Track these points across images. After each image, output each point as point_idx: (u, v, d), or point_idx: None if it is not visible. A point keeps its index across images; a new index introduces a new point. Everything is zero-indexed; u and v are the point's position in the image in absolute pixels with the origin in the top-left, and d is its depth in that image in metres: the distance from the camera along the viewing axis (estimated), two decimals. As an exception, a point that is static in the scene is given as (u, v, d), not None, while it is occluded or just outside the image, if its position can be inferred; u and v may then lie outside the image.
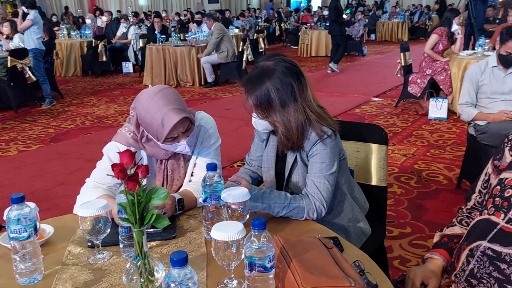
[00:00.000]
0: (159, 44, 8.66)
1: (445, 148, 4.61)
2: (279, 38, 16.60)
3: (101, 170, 1.67)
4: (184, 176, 1.75)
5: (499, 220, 1.27)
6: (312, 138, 1.61)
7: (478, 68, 3.26)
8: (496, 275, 1.22)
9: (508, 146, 1.38)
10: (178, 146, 1.62)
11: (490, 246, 1.25)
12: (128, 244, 1.32)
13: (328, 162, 1.61)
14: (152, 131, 1.59)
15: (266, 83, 1.56)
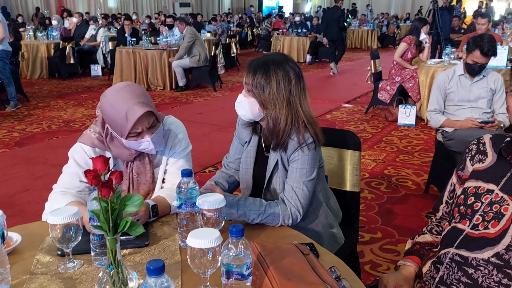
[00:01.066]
0: (130, 47, 8.53)
1: (414, 154, 4.72)
2: (251, 43, 16.65)
3: (68, 175, 1.63)
4: (151, 181, 1.71)
5: (464, 227, 1.31)
6: (294, 143, 1.61)
7: (446, 76, 3.35)
8: (465, 280, 1.25)
9: (469, 157, 1.42)
10: (142, 143, 1.58)
11: (457, 252, 1.29)
12: (100, 252, 1.28)
13: (309, 168, 1.61)
14: (116, 126, 1.55)
15: (271, 69, 1.58)
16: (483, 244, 1.24)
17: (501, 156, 1.33)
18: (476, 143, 1.43)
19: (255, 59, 1.66)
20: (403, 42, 6.02)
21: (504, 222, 1.23)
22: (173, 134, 1.74)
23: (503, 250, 1.21)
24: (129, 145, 1.60)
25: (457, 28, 10.04)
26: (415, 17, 14.12)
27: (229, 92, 8.23)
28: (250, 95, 1.62)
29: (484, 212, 1.27)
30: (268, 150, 1.71)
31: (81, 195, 1.61)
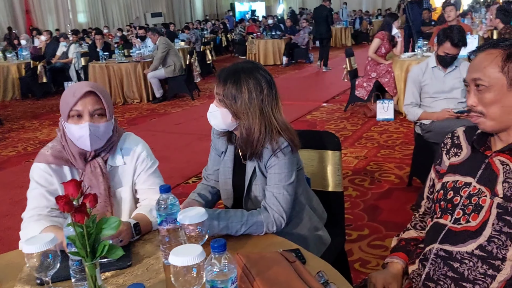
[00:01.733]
0: (102, 61, 8.42)
1: (394, 148, 4.75)
2: (226, 49, 16.64)
3: (34, 199, 1.60)
4: (107, 195, 1.65)
5: (446, 222, 1.31)
6: (269, 150, 1.59)
7: (420, 69, 3.38)
8: (451, 275, 1.25)
9: (445, 151, 1.43)
10: (79, 128, 1.54)
11: (441, 247, 1.29)
12: (80, 278, 1.23)
13: (287, 172, 1.60)
14: (63, 108, 1.56)
15: (242, 78, 1.56)
16: (466, 237, 1.25)
17: (475, 149, 1.33)
18: (451, 137, 1.44)
19: (225, 68, 1.64)
20: (376, 38, 6.08)
21: (484, 213, 1.23)
22: (135, 153, 1.71)
23: (485, 241, 1.21)
24: (69, 131, 1.57)
25: (427, 20, 10.18)
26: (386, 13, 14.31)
27: (208, 100, 8.19)
28: (221, 105, 1.60)
29: (464, 206, 1.28)
30: (245, 158, 1.69)
31: (53, 216, 1.57)
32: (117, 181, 1.69)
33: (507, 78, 1.20)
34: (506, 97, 1.21)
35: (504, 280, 1.19)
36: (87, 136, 1.55)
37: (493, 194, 1.23)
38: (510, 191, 1.20)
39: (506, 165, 1.23)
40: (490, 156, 1.28)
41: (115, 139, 1.66)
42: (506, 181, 1.22)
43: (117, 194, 1.69)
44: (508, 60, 1.20)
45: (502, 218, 1.19)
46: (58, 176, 1.60)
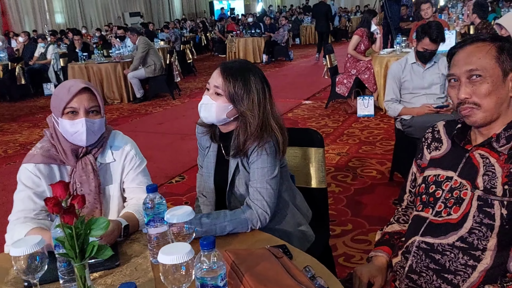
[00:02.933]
0: (82, 62, 8.32)
1: (376, 144, 4.82)
2: (206, 48, 16.59)
3: (20, 201, 1.58)
4: (97, 192, 1.65)
5: (428, 215, 1.34)
6: (253, 144, 1.61)
7: (399, 65, 3.44)
8: (433, 267, 1.29)
9: (426, 145, 1.46)
10: (75, 124, 1.55)
11: (423, 239, 1.32)
12: (69, 279, 1.23)
13: (269, 167, 1.61)
14: (57, 103, 1.55)
15: (250, 76, 1.59)
16: (447, 229, 1.28)
17: (455, 143, 1.37)
18: (431, 131, 1.47)
19: (228, 63, 1.65)
20: (355, 35, 6.15)
21: (465, 206, 1.26)
22: (124, 151, 1.71)
23: (466, 233, 1.25)
24: (62, 127, 1.56)
25: (405, 16, 10.32)
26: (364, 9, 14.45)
27: (189, 99, 8.17)
28: (219, 99, 1.61)
29: (445, 199, 1.31)
30: (228, 154, 1.71)
31: (40, 218, 1.56)
32: (106, 178, 1.69)
33: (502, 69, 1.24)
34: (500, 88, 1.24)
35: (484, 270, 1.22)
36: (83, 131, 1.55)
37: (473, 187, 1.26)
38: (490, 183, 1.23)
39: (486, 159, 1.27)
40: (470, 150, 1.32)
41: (105, 135, 1.67)
42: (486, 174, 1.25)
43: (106, 191, 1.69)
44: (502, 52, 1.24)
45: (482, 210, 1.23)
46: (47, 176, 1.59)
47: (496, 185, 1.22)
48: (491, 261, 1.22)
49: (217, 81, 1.60)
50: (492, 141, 1.26)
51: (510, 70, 1.24)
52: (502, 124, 1.27)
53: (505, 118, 1.27)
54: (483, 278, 1.22)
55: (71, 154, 1.60)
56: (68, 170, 1.63)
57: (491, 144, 1.27)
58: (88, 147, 1.62)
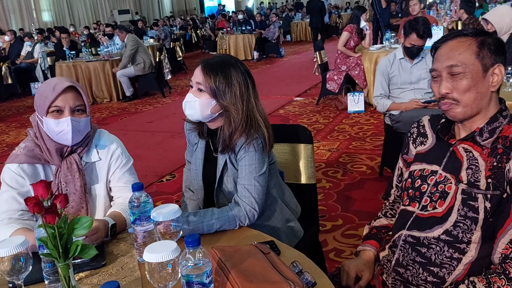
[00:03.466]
0: (69, 60, 8.23)
1: (366, 140, 4.83)
2: (197, 45, 16.53)
3: (4, 202, 1.56)
4: (82, 192, 1.63)
5: (414, 209, 1.35)
6: (241, 142, 1.60)
7: (388, 61, 3.45)
8: (419, 260, 1.30)
9: (411, 140, 1.47)
10: (60, 123, 1.52)
11: (409, 233, 1.33)
12: (54, 280, 1.22)
13: (258, 164, 1.60)
14: (39, 102, 1.53)
15: (232, 72, 1.58)
16: (433, 223, 1.29)
17: (440, 137, 1.37)
18: (417, 126, 1.48)
19: (208, 59, 1.64)
20: (345, 31, 6.15)
21: (449, 200, 1.27)
22: (110, 150, 1.69)
23: (451, 226, 1.25)
24: (47, 126, 1.54)
25: (394, 13, 10.36)
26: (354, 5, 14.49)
27: (179, 97, 8.13)
28: (202, 95, 1.60)
29: (431, 193, 1.32)
30: (217, 150, 1.70)
31: (25, 219, 1.55)
32: (92, 177, 1.67)
33: (482, 64, 1.24)
34: (480, 83, 1.25)
35: (469, 262, 1.23)
36: (69, 130, 1.53)
37: (458, 181, 1.27)
38: (473, 177, 1.24)
39: (469, 152, 1.28)
40: (454, 145, 1.32)
41: (90, 134, 1.65)
42: (469, 167, 1.26)
43: (92, 191, 1.67)
44: (482, 47, 1.24)
45: (466, 204, 1.24)
46: (31, 176, 1.57)
47: (480, 178, 1.23)
48: (475, 253, 1.23)
49: (198, 78, 1.60)
50: (476, 135, 1.27)
51: (491, 65, 1.25)
52: (485, 118, 1.28)
53: (487, 112, 1.28)
54: (468, 270, 1.23)
55: (56, 153, 1.58)
56: (53, 169, 1.61)
57: (474, 138, 1.27)
58: (73, 146, 1.60)
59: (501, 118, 1.27)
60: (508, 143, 1.23)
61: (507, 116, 1.28)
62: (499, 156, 1.22)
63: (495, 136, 1.25)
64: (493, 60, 1.24)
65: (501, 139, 1.25)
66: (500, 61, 1.26)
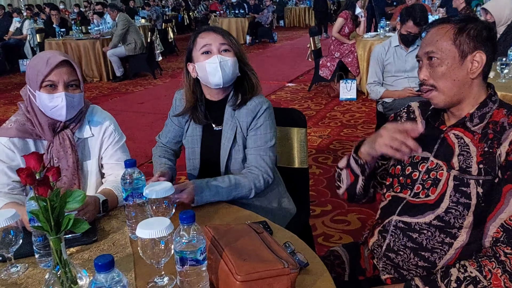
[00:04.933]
0: (59, 38, 8.10)
1: (357, 127, 4.84)
2: (189, 28, 16.33)
3: None
4: (75, 168, 1.61)
5: (406, 196, 1.35)
6: (253, 107, 1.64)
7: (382, 48, 3.44)
8: (410, 245, 1.30)
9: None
10: (54, 98, 1.49)
11: (400, 219, 1.33)
12: (44, 254, 1.21)
13: (272, 133, 1.66)
14: (32, 76, 1.50)
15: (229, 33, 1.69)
16: (424, 209, 1.29)
17: (430, 124, 1.36)
18: (406, 111, 1.46)
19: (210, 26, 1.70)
20: (339, 17, 6.12)
21: (441, 186, 1.27)
22: (103, 126, 1.67)
23: (442, 212, 1.26)
24: (40, 101, 1.50)
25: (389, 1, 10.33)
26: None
27: (170, 79, 8.06)
28: (230, 55, 1.63)
29: (423, 181, 1.32)
30: (219, 123, 1.69)
31: (14, 193, 1.52)
32: (84, 153, 1.65)
33: (459, 50, 1.23)
34: (457, 70, 1.24)
35: (460, 246, 1.24)
36: (63, 106, 1.50)
37: (449, 167, 1.27)
38: (465, 163, 1.24)
39: (461, 139, 1.27)
40: (445, 131, 1.32)
41: (83, 110, 1.62)
42: (461, 154, 1.26)
43: (84, 167, 1.65)
44: (460, 33, 1.23)
45: (458, 190, 1.24)
46: (21, 151, 1.54)
47: (471, 164, 1.23)
48: (467, 238, 1.24)
49: (219, 39, 1.62)
50: (466, 121, 1.26)
51: (469, 52, 1.23)
52: (474, 104, 1.27)
53: (475, 99, 1.27)
54: (458, 254, 1.24)
55: (48, 128, 1.55)
56: (45, 144, 1.59)
57: (465, 124, 1.27)
58: (66, 122, 1.57)
59: (490, 103, 1.26)
60: (498, 128, 1.22)
61: (496, 101, 1.27)
62: (490, 141, 1.22)
63: (486, 122, 1.24)
64: (472, 47, 1.23)
65: (491, 124, 1.24)
66: (483, 49, 1.23)
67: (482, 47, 1.23)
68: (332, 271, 1.45)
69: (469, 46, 1.23)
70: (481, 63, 1.23)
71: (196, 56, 1.64)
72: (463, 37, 1.23)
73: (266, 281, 0.97)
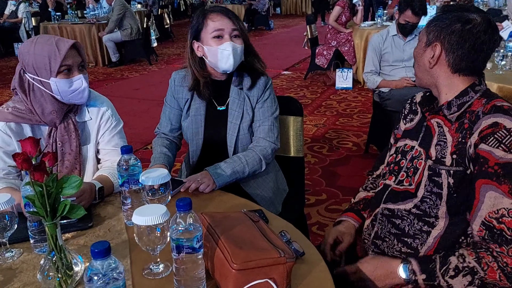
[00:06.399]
0: (55, 22, 8.01)
1: (353, 116, 4.84)
2: (185, 14, 16.18)
3: None
4: (78, 152, 1.60)
5: (390, 182, 1.36)
6: (263, 83, 1.73)
7: (380, 37, 3.43)
8: (394, 231, 1.31)
9: (403, 116, 1.47)
10: (74, 82, 1.49)
11: (385, 206, 1.35)
12: (39, 239, 1.21)
13: (276, 105, 1.76)
14: (41, 64, 1.46)
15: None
16: (405, 196, 1.30)
17: (423, 112, 1.37)
18: (410, 102, 1.47)
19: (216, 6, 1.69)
20: (337, 6, 6.08)
21: (418, 175, 1.28)
22: (100, 110, 1.65)
23: (419, 201, 1.27)
24: (59, 86, 1.48)
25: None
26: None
27: (166, 65, 8.01)
28: (240, 41, 1.65)
29: (407, 169, 1.33)
30: (222, 103, 1.73)
31: (10, 178, 1.51)
32: (83, 138, 1.63)
33: (427, 38, 1.26)
34: (421, 56, 1.30)
35: (438, 235, 1.24)
36: (85, 87, 1.52)
37: (427, 157, 1.27)
38: (441, 153, 1.24)
39: (441, 128, 1.27)
40: (426, 118, 1.32)
41: None
42: (438, 143, 1.25)
43: (83, 151, 1.64)
44: (433, 21, 1.27)
45: (432, 179, 1.24)
46: (18, 136, 1.53)
47: (446, 154, 1.22)
48: (443, 227, 1.24)
49: (230, 25, 1.63)
50: (443, 108, 1.26)
51: (432, 41, 1.25)
52: (449, 92, 1.26)
53: (448, 87, 1.27)
54: (437, 244, 1.24)
55: (59, 113, 1.54)
56: (43, 130, 1.57)
57: (443, 111, 1.27)
58: (69, 106, 1.56)
59: (472, 92, 1.24)
60: (474, 117, 1.21)
61: (480, 90, 1.25)
62: (464, 131, 1.21)
63: (462, 110, 1.23)
64: (435, 36, 1.24)
65: (468, 113, 1.23)
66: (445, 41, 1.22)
67: (445, 39, 1.22)
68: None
69: (434, 35, 1.25)
70: (437, 55, 1.24)
71: (206, 38, 1.64)
72: (433, 26, 1.25)
73: (262, 270, 0.98)
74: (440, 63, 1.26)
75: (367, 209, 1.51)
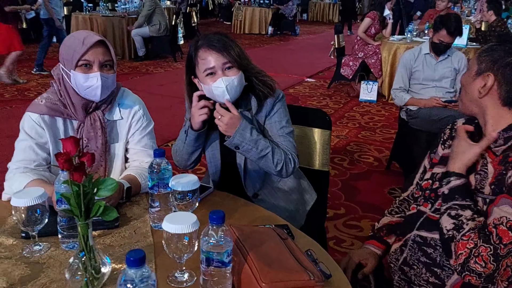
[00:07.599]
0: (86, 13, 8.13)
1: (376, 130, 4.79)
2: (212, 13, 16.27)
3: (21, 151, 1.53)
4: (103, 150, 1.60)
5: (426, 209, 1.34)
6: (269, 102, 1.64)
7: (412, 54, 3.39)
8: (424, 260, 1.29)
9: (441, 141, 1.44)
10: (89, 78, 1.49)
11: (418, 233, 1.33)
12: (67, 235, 1.22)
13: (287, 118, 1.67)
14: (69, 55, 1.49)
15: (228, 37, 1.59)
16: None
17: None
18: (450, 127, 1.45)
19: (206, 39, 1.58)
20: (367, 17, 6.04)
21: None
22: (132, 110, 1.66)
23: None
24: (75, 80, 1.50)
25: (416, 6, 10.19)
26: None
27: (191, 63, 8.03)
28: (234, 72, 1.55)
29: None
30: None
31: (40, 170, 1.53)
32: (112, 136, 1.64)
33: (478, 67, 1.26)
34: (470, 84, 1.29)
35: None
36: (99, 85, 1.50)
37: None
38: (480, 184, 1.23)
39: (484, 159, 1.26)
40: None
41: (114, 91, 1.62)
42: (478, 173, 1.25)
43: (111, 149, 1.64)
44: (486, 51, 1.26)
45: None
46: (50, 128, 1.55)
47: (485, 185, 1.22)
48: None
49: (219, 59, 1.53)
50: None
51: (484, 71, 1.25)
52: (495, 124, 1.26)
53: (494, 119, 1.26)
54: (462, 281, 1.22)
55: (81, 109, 1.55)
56: (74, 124, 1.59)
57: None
58: (98, 103, 1.57)
59: None
60: None
61: None
62: (508, 165, 1.20)
63: (509, 144, 1.22)
64: (488, 67, 1.24)
65: None
66: (498, 73, 1.23)
67: (498, 71, 1.22)
68: (357, 284, 1.44)
69: (487, 66, 1.24)
70: (488, 86, 1.24)
71: (201, 76, 1.59)
72: (486, 55, 1.25)
73: (290, 291, 0.97)
74: (491, 94, 1.24)
75: (390, 234, 1.50)
